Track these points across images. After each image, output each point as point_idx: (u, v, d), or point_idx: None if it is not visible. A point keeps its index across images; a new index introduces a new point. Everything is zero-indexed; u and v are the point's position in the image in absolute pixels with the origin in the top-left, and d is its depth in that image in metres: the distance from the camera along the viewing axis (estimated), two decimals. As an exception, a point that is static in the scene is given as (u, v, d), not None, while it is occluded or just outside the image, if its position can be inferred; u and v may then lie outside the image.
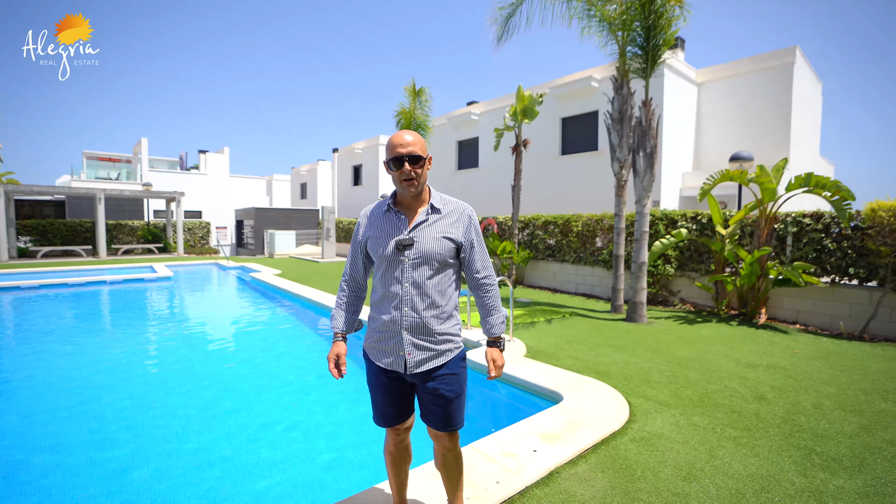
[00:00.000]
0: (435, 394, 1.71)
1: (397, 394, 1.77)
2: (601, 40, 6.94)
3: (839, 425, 3.11)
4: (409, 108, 13.61)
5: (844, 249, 6.16)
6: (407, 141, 1.64)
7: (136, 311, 8.13)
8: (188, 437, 3.22)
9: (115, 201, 22.42)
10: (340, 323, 1.85)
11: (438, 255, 1.68)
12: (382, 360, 1.73)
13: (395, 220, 1.72)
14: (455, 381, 1.74)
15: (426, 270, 1.68)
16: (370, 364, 1.79)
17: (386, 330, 1.71)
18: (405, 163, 1.63)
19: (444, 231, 1.71)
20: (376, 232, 1.73)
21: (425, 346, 1.69)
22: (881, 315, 5.84)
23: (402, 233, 1.68)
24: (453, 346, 1.75)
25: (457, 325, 1.78)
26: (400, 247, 1.65)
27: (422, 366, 1.70)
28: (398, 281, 1.67)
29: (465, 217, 1.77)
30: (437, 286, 1.70)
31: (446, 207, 1.76)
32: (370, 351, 1.78)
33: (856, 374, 4.23)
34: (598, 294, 9.14)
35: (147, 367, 4.85)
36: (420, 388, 1.75)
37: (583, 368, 4.28)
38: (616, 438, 2.86)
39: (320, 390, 4.14)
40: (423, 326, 1.68)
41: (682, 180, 11.99)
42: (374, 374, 1.77)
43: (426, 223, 1.71)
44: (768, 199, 6.49)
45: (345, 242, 20.37)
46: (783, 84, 10.91)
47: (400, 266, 1.67)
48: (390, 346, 1.71)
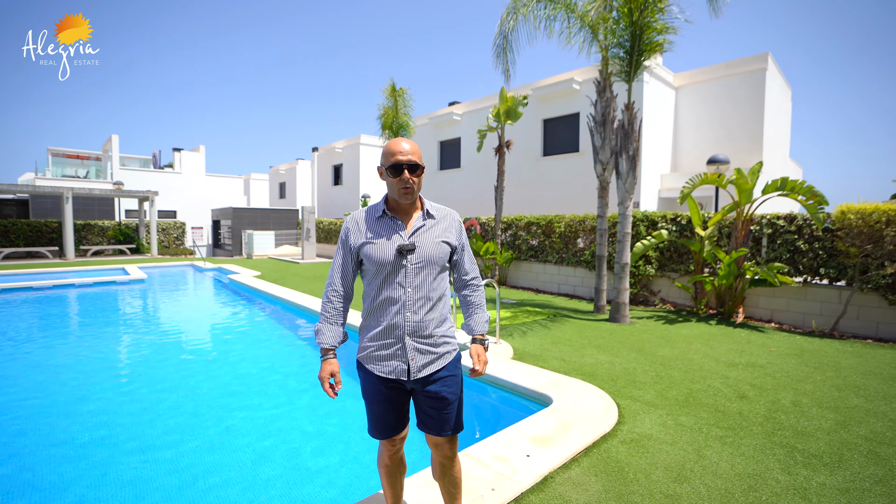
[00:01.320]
0: (436, 397, 1.71)
1: (396, 402, 1.74)
2: (584, 45, 7.02)
3: (817, 422, 3.21)
4: (393, 107, 13.54)
5: (816, 250, 6.39)
6: (405, 149, 1.64)
7: (107, 316, 7.81)
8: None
9: (83, 200, 21.56)
10: (330, 338, 1.76)
11: (439, 258, 1.71)
12: (383, 368, 1.69)
13: (391, 225, 1.70)
14: (455, 382, 1.76)
15: (427, 274, 1.68)
16: (367, 375, 1.74)
17: (386, 337, 1.68)
18: (405, 171, 1.63)
19: (442, 236, 1.74)
20: (373, 237, 1.69)
21: (427, 349, 1.70)
22: (849, 313, 6.08)
23: (402, 238, 1.68)
24: (451, 348, 1.77)
25: (452, 326, 1.81)
26: (402, 251, 1.64)
27: (424, 370, 1.69)
28: (400, 286, 1.66)
29: (455, 222, 1.83)
30: (437, 290, 1.72)
31: (439, 213, 1.79)
32: (367, 360, 1.73)
33: (829, 371, 4.38)
34: (580, 294, 9.25)
35: (116, 380, 4.62)
36: (419, 393, 1.74)
37: (569, 370, 4.31)
38: (607, 441, 2.88)
39: (307, 394, 4.05)
40: (425, 330, 1.69)
41: (660, 182, 12.26)
42: (371, 385, 1.73)
43: (424, 228, 1.72)
44: (745, 202, 6.69)
45: (325, 243, 20.10)
46: (756, 89, 11.27)
47: (402, 271, 1.66)
48: (391, 353, 1.68)
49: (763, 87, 11.15)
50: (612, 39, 6.68)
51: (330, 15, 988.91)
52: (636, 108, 6.64)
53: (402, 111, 13.72)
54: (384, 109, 13.72)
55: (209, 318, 7.87)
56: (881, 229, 5.64)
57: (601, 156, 7.15)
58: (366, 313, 1.75)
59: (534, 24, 7.17)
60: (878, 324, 5.91)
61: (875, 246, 5.72)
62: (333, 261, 1.80)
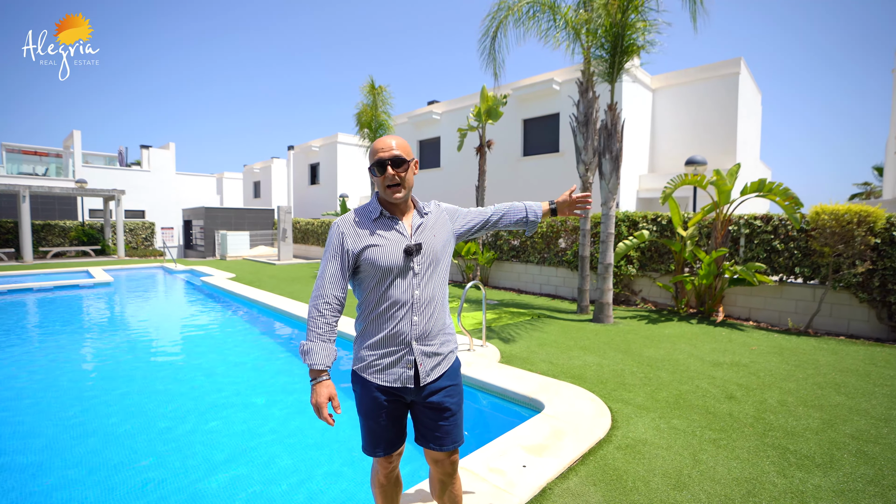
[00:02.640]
0: (438, 408, 1.61)
1: (396, 416, 1.63)
2: (567, 45, 7.02)
3: (805, 421, 3.24)
4: (371, 105, 13.30)
5: (791, 250, 6.55)
6: (389, 145, 1.58)
7: (68, 323, 7.35)
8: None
9: (42, 199, 20.44)
10: (324, 357, 1.54)
11: (445, 254, 1.67)
12: (387, 378, 1.58)
13: (391, 225, 1.61)
14: (457, 391, 1.68)
15: (433, 273, 1.62)
16: (365, 387, 1.60)
17: (390, 344, 1.58)
18: (387, 166, 1.56)
19: (441, 231, 1.68)
20: (375, 241, 1.57)
21: (434, 351, 1.62)
22: (823, 311, 6.25)
23: (406, 238, 1.60)
24: (453, 346, 1.72)
25: (451, 323, 1.74)
26: (409, 252, 1.56)
27: (433, 373, 1.61)
28: (407, 288, 1.56)
29: (444, 209, 1.79)
30: (440, 287, 1.65)
31: (431, 210, 1.74)
32: (366, 371, 1.60)
33: (809, 369, 4.46)
34: (562, 294, 9.27)
35: (77, 394, 4.32)
36: (419, 405, 1.63)
37: (558, 372, 4.25)
38: (602, 447, 2.82)
39: (285, 409, 3.85)
40: (431, 331, 1.61)
41: (638, 182, 12.44)
42: (370, 398, 1.60)
43: (424, 225, 1.65)
44: (724, 202, 6.80)
45: (302, 244, 19.65)
46: (730, 93, 11.56)
47: (409, 273, 1.57)
48: (396, 361, 1.58)
49: (736, 90, 11.45)
50: (593, 40, 6.68)
51: (308, 14, 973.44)
52: (619, 109, 6.66)
53: (381, 109, 13.49)
54: (362, 107, 13.46)
55: (180, 324, 7.51)
56: (852, 229, 5.81)
57: (584, 156, 7.16)
58: (363, 322, 1.61)
59: (516, 23, 7.15)
60: (850, 321, 6.10)
61: (847, 245, 5.89)
62: (323, 269, 1.60)
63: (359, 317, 1.64)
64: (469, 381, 3.97)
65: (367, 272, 1.58)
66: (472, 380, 3.97)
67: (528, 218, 1.85)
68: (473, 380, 3.97)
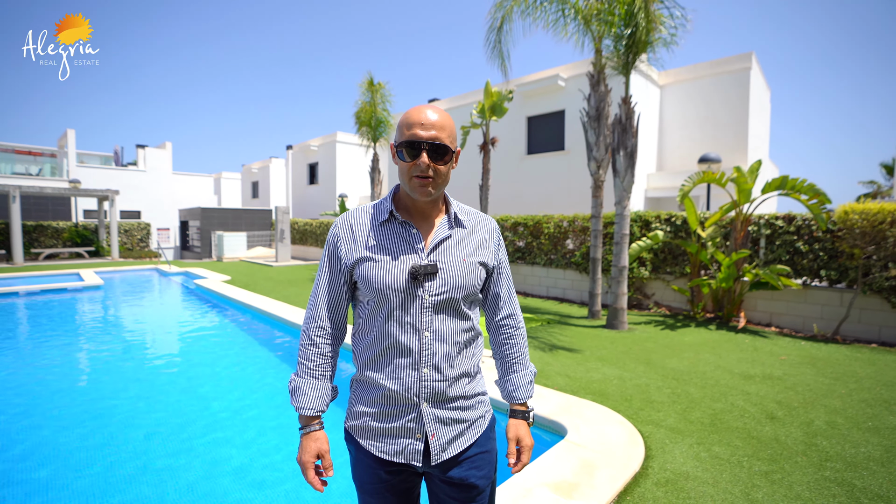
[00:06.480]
0: (462, 484, 1.17)
1: (401, 492, 1.20)
2: (576, 38, 6.66)
3: (864, 449, 2.86)
4: (370, 102, 12.92)
5: (816, 252, 6.18)
6: (431, 121, 1.07)
7: (53, 329, 6.96)
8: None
9: (35, 200, 20.02)
10: (315, 400, 1.16)
11: (471, 286, 1.15)
12: (386, 448, 1.14)
13: (402, 233, 1.15)
14: (487, 461, 1.22)
15: (453, 310, 1.14)
16: (360, 454, 1.18)
17: (392, 403, 1.14)
18: (423, 152, 1.07)
19: (475, 253, 1.18)
20: (374, 251, 1.13)
21: (453, 418, 1.16)
22: (851, 316, 5.88)
23: (419, 254, 1.13)
24: (484, 410, 1.24)
25: (483, 380, 1.26)
26: (418, 275, 1.09)
27: (449, 448, 1.15)
28: (413, 327, 1.11)
29: (493, 233, 1.27)
30: (467, 331, 1.17)
31: (471, 220, 1.23)
32: (361, 434, 1.17)
33: (850, 383, 4.09)
34: (570, 298, 8.89)
35: (55, 408, 3.95)
36: (436, 479, 1.20)
37: (577, 388, 3.88)
38: (639, 483, 2.44)
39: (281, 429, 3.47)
40: (451, 391, 1.14)
41: (646, 181, 12.06)
42: (367, 468, 1.17)
43: (450, 241, 1.17)
44: (744, 201, 6.43)
45: (300, 245, 19.27)
46: (741, 88, 11.19)
47: (416, 304, 1.11)
48: (400, 428, 1.13)
49: (748, 86, 11.08)
50: (607, 29, 6.30)
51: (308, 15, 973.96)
52: (634, 103, 6.28)
53: (381, 107, 13.11)
54: (362, 105, 13.07)
55: (166, 332, 7.12)
56: (884, 230, 5.45)
57: (595, 153, 6.78)
58: (360, 361, 1.19)
59: (523, 14, 6.79)
60: (881, 327, 5.73)
61: (878, 247, 5.52)
62: (316, 283, 1.21)
63: (355, 352, 1.22)
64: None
65: (364, 294, 1.16)
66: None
67: (512, 385, 1.30)
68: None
